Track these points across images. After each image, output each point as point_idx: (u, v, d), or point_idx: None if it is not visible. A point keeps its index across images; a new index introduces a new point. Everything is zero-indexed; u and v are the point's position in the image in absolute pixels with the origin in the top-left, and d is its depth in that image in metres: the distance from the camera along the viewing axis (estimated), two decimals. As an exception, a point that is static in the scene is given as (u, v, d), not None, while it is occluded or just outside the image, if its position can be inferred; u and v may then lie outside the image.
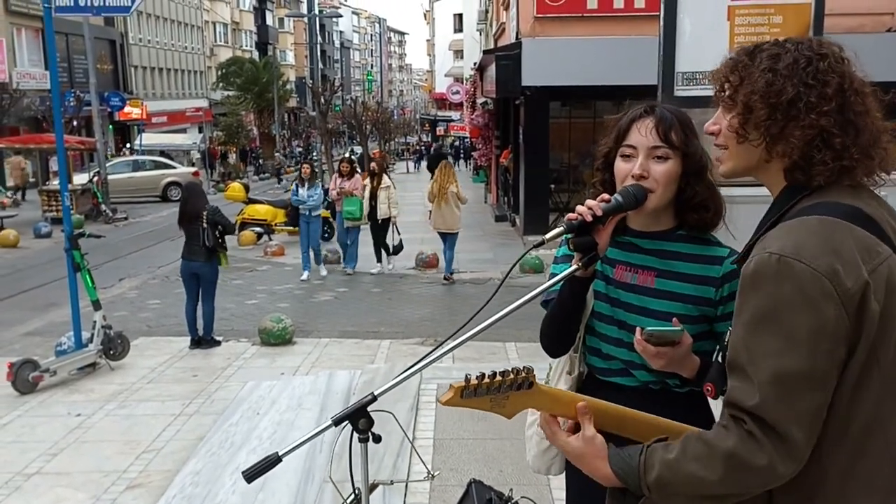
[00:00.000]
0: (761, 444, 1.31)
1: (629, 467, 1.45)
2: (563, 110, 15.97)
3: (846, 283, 1.30)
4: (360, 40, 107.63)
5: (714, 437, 1.37)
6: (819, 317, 1.29)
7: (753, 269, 1.36)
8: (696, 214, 1.90)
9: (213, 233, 7.66)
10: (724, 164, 1.55)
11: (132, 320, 9.27)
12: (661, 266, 1.91)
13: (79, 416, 5.82)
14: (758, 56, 1.46)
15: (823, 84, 1.40)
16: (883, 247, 1.36)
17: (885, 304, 1.32)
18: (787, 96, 1.40)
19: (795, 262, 1.31)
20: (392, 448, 4.62)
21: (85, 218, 18.93)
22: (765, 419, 1.31)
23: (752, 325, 1.35)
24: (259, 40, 61.30)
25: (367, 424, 1.66)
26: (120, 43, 39.70)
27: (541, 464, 2.19)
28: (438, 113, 66.75)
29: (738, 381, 1.36)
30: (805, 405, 1.31)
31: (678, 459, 1.39)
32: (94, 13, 6.88)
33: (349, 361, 7.25)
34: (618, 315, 1.95)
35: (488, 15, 28.55)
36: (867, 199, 1.44)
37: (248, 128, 45.73)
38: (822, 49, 1.44)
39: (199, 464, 4.82)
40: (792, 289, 1.30)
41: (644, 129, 1.86)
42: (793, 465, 1.33)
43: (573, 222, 1.75)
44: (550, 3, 14.22)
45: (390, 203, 11.94)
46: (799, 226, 1.38)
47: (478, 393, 1.44)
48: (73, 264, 6.76)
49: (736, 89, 1.47)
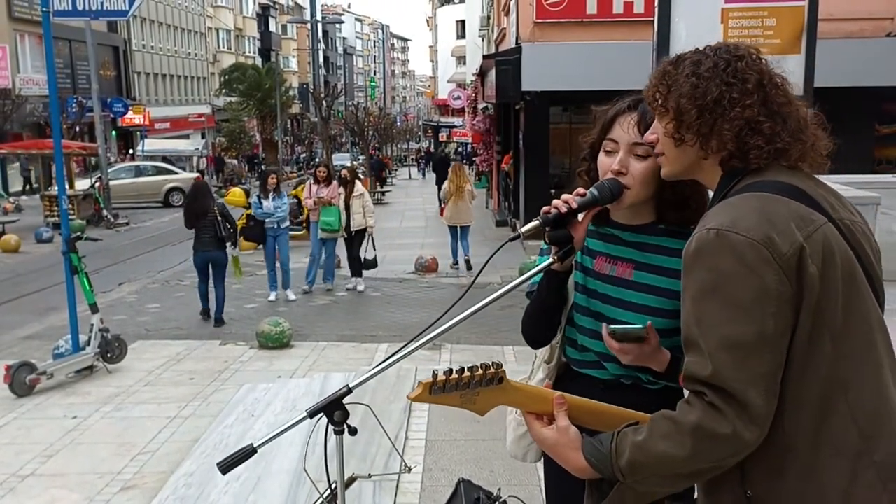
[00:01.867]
0: (724, 412, 1.34)
1: (601, 454, 1.47)
2: (563, 115, 15.99)
3: (782, 248, 1.36)
4: (363, 46, 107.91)
5: (679, 414, 1.40)
6: (760, 282, 1.35)
7: (695, 246, 1.42)
8: (675, 212, 1.89)
9: (226, 224, 9.06)
10: (665, 168, 1.64)
11: (131, 324, 9.28)
12: (640, 259, 1.92)
13: (75, 418, 5.83)
14: (681, 64, 1.56)
15: (743, 81, 1.50)
16: (817, 215, 1.42)
17: (823, 267, 1.37)
18: (712, 96, 1.49)
19: (732, 234, 1.37)
20: (385, 447, 4.62)
21: (87, 223, 18.98)
22: (723, 388, 1.35)
23: (699, 299, 1.40)
24: (262, 46, 61.55)
25: (342, 417, 1.67)
26: (123, 49, 39.87)
27: (517, 450, 2.20)
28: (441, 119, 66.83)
29: (692, 356, 1.41)
30: (758, 369, 1.35)
31: (647, 440, 1.42)
32: (92, 17, 6.91)
33: (346, 365, 7.26)
34: (594, 306, 1.95)
35: (490, 21, 28.59)
36: (803, 178, 1.51)
37: (250, 134, 45.87)
38: (739, 51, 1.54)
39: (192, 465, 4.82)
40: (731, 259, 1.37)
41: (626, 124, 1.85)
42: (757, 430, 1.36)
43: (548, 215, 1.76)
44: (550, 9, 14.26)
45: (366, 212, 11.03)
46: (735, 202, 1.45)
47: (446, 389, 1.45)
48: (71, 267, 6.77)
49: (666, 97, 1.55)
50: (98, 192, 21.22)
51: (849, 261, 1.41)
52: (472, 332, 8.00)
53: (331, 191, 10.94)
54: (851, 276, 1.41)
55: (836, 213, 1.47)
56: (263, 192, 10.51)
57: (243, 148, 44.05)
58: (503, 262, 13.17)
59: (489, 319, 8.15)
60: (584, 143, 1.99)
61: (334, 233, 10.95)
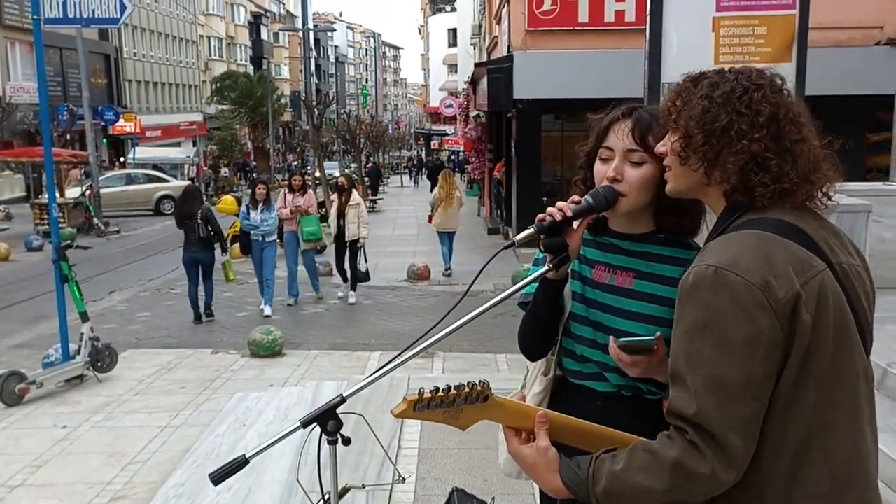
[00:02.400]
0: (703, 452, 1.35)
1: (578, 479, 1.47)
2: (555, 123, 16.04)
3: (778, 293, 1.35)
4: (355, 55, 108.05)
5: (659, 448, 1.40)
6: (753, 326, 1.34)
7: (692, 280, 1.41)
8: (672, 219, 1.87)
9: (206, 227, 9.57)
10: (670, 184, 1.63)
11: (121, 332, 9.23)
12: (640, 268, 1.90)
13: (65, 427, 5.78)
14: (700, 83, 1.53)
15: (756, 113, 1.46)
16: (817, 261, 1.41)
17: (817, 315, 1.36)
18: (721, 123, 1.46)
19: (731, 274, 1.36)
20: (378, 457, 4.60)
21: (77, 231, 18.90)
22: (705, 428, 1.35)
23: (690, 335, 1.39)
24: (254, 54, 61.52)
25: (335, 427, 1.65)
26: (114, 57, 39.79)
27: (511, 468, 2.13)
28: (433, 127, 66.93)
29: (677, 391, 1.41)
30: (741, 413, 1.35)
31: (625, 470, 1.42)
32: (83, 24, 6.90)
33: (338, 373, 7.22)
34: (593, 316, 1.92)
35: (482, 29, 28.67)
36: (807, 219, 1.49)
37: (242, 142, 45.80)
38: (760, 80, 1.50)
39: (183, 475, 4.78)
40: (727, 299, 1.36)
41: (621, 131, 1.84)
42: (734, 472, 1.37)
43: (543, 223, 1.74)
44: (542, 17, 14.30)
45: (360, 222, 10.65)
46: (736, 239, 1.44)
47: (431, 406, 1.46)
48: (61, 276, 6.73)
49: (679, 114, 1.53)
50: (89, 200, 21.13)
51: (842, 309, 1.41)
52: (464, 340, 7.98)
53: (306, 199, 10.75)
54: (842, 325, 1.40)
55: (835, 258, 1.46)
56: (252, 203, 10.24)
57: (235, 156, 43.95)
58: (496, 270, 13.17)
59: (482, 327, 8.13)
60: (580, 152, 1.98)
61: (318, 241, 10.75)
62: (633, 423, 1.63)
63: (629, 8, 13.90)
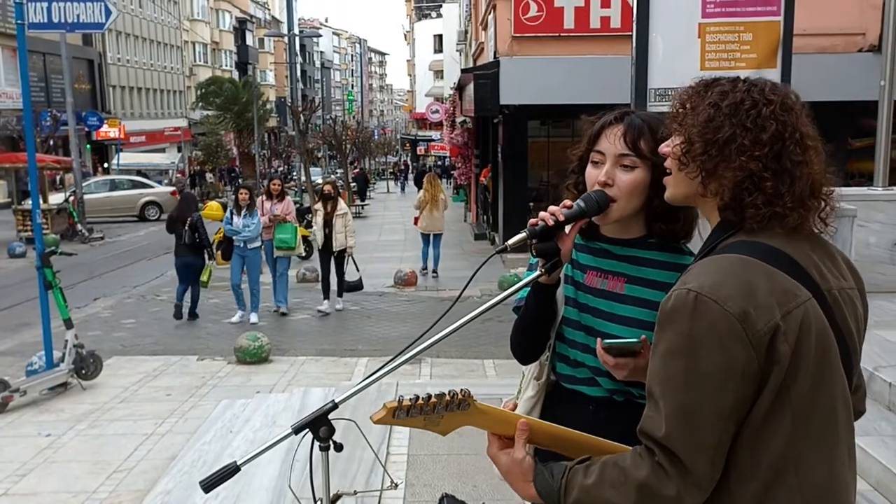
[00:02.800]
0: (669, 475, 1.37)
1: (550, 489, 1.49)
2: (541, 129, 16.09)
3: (757, 325, 1.34)
4: (341, 60, 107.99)
5: (629, 466, 1.42)
6: (727, 356, 1.34)
7: (672, 304, 1.40)
8: (663, 224, 1.87)
9: (191, 234, 10.00)
10: (668, 190, 1.60)
11: (106, 340, 9.15)
12: (632, 272, 1.90)
13: (49, 436, 5.72)
14: (711, 89, 1.49)
15: (760, 129, 1.42)
16: (802, 290, 1.39)
17: (797, 346, 1.35)
18: (724, 135, 1.43)
19: (710, 302, 1.35)
20: (366, 463, 4.58)
21: (61, 238, 18.74)
22: (672, 451, 1.36)
23: (666, 358, 1.39)
24: (239, 60, 61.37)
25: (327, 433, 1.64)
26: (98, 62, 39.56)
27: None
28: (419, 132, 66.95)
29: (650, 411, 1.42)
30: (709, 440, 1.36)
31: (595, 485, 1.44)
32: (67, 29, 6.85)
33: (326, 379, 7.20)
34: (585, 320, 1.93)
35: (468, 35, 28.74)
36: (799, 243, 1.46)
37: (227, 147, 45.64)
38: (772, 95, 1.46)
39: (170, 483, 4.74)
40: (704, 327, 1.35)
41: (613, 136, 1.84)
42: (699, 495, 1.39)
43: (535, 228, 1.75)
44: (528, 23, 14.34)
45: (347, 232, 10.47)
46: (721, 263, 1.42)
47: (410, 413, 1.46)
48: (45, 282, 6.67)
49: (685, 117, 1.50)
50: (72, 206, 20.97)
51: (824, 339, 1.39)
52: (452, 346, 7.97)
53: (284, 206, 10.57)
54: (824, 356, 1.39)
55: (825, 284, 1.44)
56: (235, 209, 10.07)
57: (220, 162, 43.79)
58: (483, 275, 13.09)
59: (469, 333, 8.13)
60: (572, 156, 1.97)
61: (290, 251, 10.49)
62: (625, 428, 1.63)
63: (615, 14, 13.97)
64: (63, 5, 6.65)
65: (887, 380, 4.43)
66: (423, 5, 65.75)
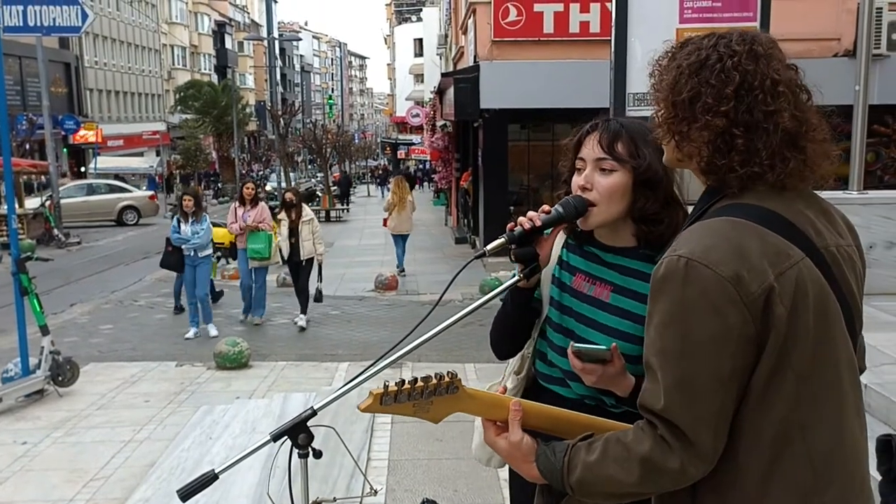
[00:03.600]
0: (672, 447, 1.34)
1: (554, 468, 1.47)
2: (521, 133, 16.13)
3: (750, 287, 1.30)
4: (321, 64, 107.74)
5: (632, 441, 1.40)
6: (722, 322, 1.31)
7: (663, 272, 1.37)
8: (646, 227, 1.86)
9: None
10: (664, 155, 1.55)
11: (83, 346, 9.05)
12: (618, 282, 1.90)
13: (24, 444, 5.64)
14: (680, 51, 1.45)
15: (723, 83, 1.37)
16: (794, 250, 1.35)
17: (793, 307, 1.32)
18: (686, 95, 1.39)
19: (701, 267, 1.31)
20: (347, 469, 4.56)
21: (37, 242, 18.53)
22: (674, 423, 1.34)
23: (660, 328, 1.36)
24: (218, 64, 61.04)
25: (306, 440, 1.63)
26: (75, 66, 39.17)
27: (482, 454, 2.22)
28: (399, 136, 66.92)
29: (649, 383, 1.39)
30: (709, 409, 1.33)
31: (599, 462, 1.42)
32: (43, 33, 6.79)
33: (306, 384, 7.15)
34: (566, 323, 1.94)
35: (448, 39, 28.79)
36: (791, 201, 1.42)
37: (206, 151, 45.37)
38: (737, 45, 1.39)
39: (148, 491, 4.70)
40: (696, 293, 1.31)
41: (591, 141, 1.86)
42: (703, 466, 1.36)
43: (513, 233, 1.75)
44: (507, 28, 14.40)
45: (315, 239, 9.82)
46: (710, 227, 1.38)
47: (398, 399, 1.44)
48: (21, 288, 6.59)
49: (659, 83, 1.47)
50: (49, 210, 20.75)
51: (823, 298, 1.36)
52: (433, 350, 7.96)
53: (257, 213, 9.93)
54: (823, 315, 1.35)
55: (820, 241, 1.40)
56: (182, 216, 9.41)
57: (199, 166, 43.52)
58: (464, 279, 13.12)
59: (451, 337, 8.13)
60: (562, 169, 1.97)
61: (264, 261, 9.96)
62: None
63: (594, 19, 14.05)
64: (39, 9, 6.60)
65: (863, 381, 4.47)
66: (404, 9, 65.80)
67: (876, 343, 5.01)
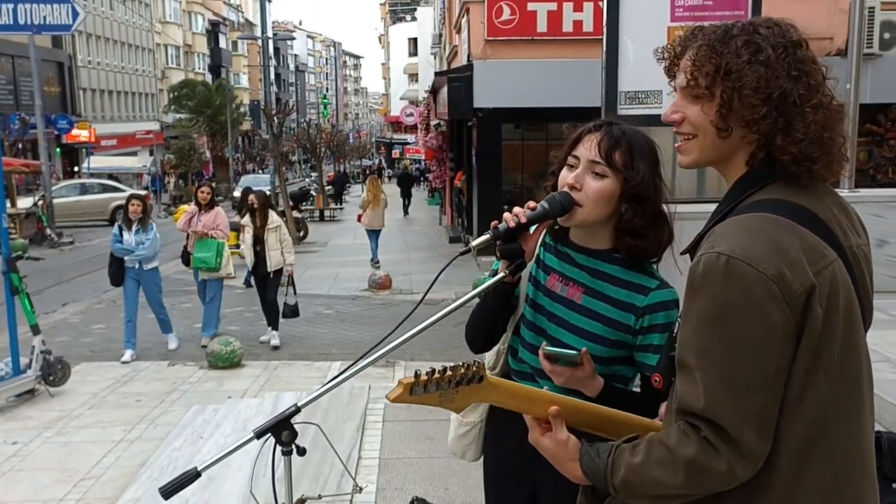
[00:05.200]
0: (719, 450, 1.32)
1: (598, 468, 1.45)
2: (515, 132, 16.14)
3: (792, 285, 1.29)
4: (315, 64, 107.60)
5: (676, 444, 1.36)
6: (765, 320, 1.29)
7: (702, 270, 1.33)
8: (630, 240, 1.86)
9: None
10: (689, 156, 1.49)
11: (75, 345, 9.03)
12: (590, 284, 1.91)
13: (15, 443, 5.62)
14: (732, 44, 1.40)
15: (807, 74, 1.39)
16: (829, 250, 1.35)
17: (827, 307, 1.31)
18: (779, 90, 1.37)
19: (743, 265, 1.29)
20: (337, 467, 4.55)
21: (30, 242, 18.47)
22: (719, 424, 1.31)
23: (700, 327, 1.33)
24: (212, 63, 60.87)
25: (290, 437, 1.62)
26: (68, 65, 39.02)
27: (457, 447, 2.27)
28: (394, 136, 66.89)
29: (686, 384, 1.36)
30: (754, 408, 1.31)
31: (643, 464, 1.39)
32: (34, 31, 6.77)
33: (299, 383, 7.15)
34: (538, 321, 1.95)
35: (442, 38, 28.79)
36: (820, 198, 1.42)
37: (200, 151, 45.26)
38: (793, 35, 1.42)
39: (138, 491, 4.68)
40: (739, 292, 1.29)
41: (590, 142, 1.86)
42: (750, 467, 1.33)
43: (498, 229, 1.75)
44: (501, 27, 14.39)
45: (283, 248, 8.81)
46: (748, 223, 1.35)
47: (427, 389, 1.42)
48: (11, 287, 6.57)
49: (714, 79, 1.40)
50: (41, 210, 20.68)
51: (850, 298, 1.36)
52: (426, 349, 7.96)
53: (210, 219, 8.72)
54: (850, 315, 1.35)
55: (845, 241, 1.40)
56: (125, 222, 8.33)
57: (193, 165, 43.41)
58: (457, 278, 13.16)
59: (443, 336, 8.12)
60: (554, 158, 1.97)
61: (212, 272, 8.67)
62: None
63: (587, 18, 14.04)
64: (29, 7, 6.58)
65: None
66: (398, 9, 65.74)
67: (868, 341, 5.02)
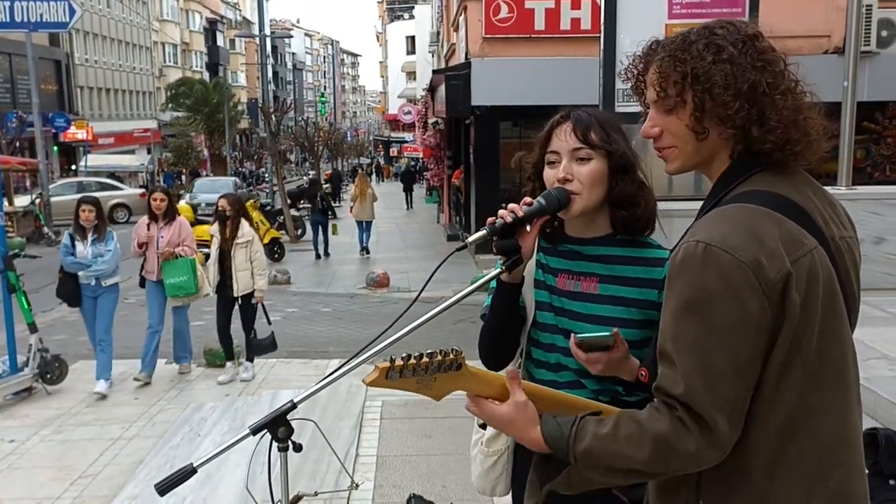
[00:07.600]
0: (691, 431, 1.33)
1: (560, 434, 1.45)
2: (513, 130, 16.13)
3: (769, 273, 1.30)
4: (313, 62, 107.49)
5: (646, 420, 1.38)
6: (742, 307, 1.30)
7: (681, 257, 1.36)
8: (624, 211, 1.87)
9: (321, 202, 16.19)
10: (673, 163, 1.51)
11: (72, 344, 9.01)
12: (603, 271, 1.90)
13: (12, 441, 5.62)
14: (693, 49, 1.43)
15: (770, 63, 1.42)
16: (809, 238, 1.36)
17: (805, 295, 1.33)
18: (747, 83, 1.39)
19: (720, 252, 1.31)
20: (335, 464, 4.55)
21: (27, 240, 18.44)
22: (693, 408, 1.32)
23: (678, 314, 1.35)
24: (210, 61, 60.84)
25: (286, 433, 1.62)
26: (65, 63, 38.98)
27: (485, 484, 2.13)
28: (392, 134, 66.88)
29: (666, 369, 1.37)
30: (728, 395, 1.32)
31: (609, 435, 1.40)
32: (31, 29, 6.75)
33: (297, 381, 7.14)
34: (563, 324, 1.92)
35: (439, 36, 28.77)
36: (801, 188, 1.44)
37: (198, 149, 45.24)
38: (748, 29, 1.45)
39: (136, 488, 4.68)
40: (716, 278, 1.31)
41: (563, 133, 1.87)
42: (717, 454, 1.35)
43: (494, 226, 1.75)
44: (499, 24, 14.39)
45: (255, 269, 7.09)
46: (728, 213, 1.38)
47: (403, 374, 1.42)
48: (8, 286, 6.57)
49: (683, 86, 1.43)
50: (38, 208, 20.65)
51: (831, 286, 1.37)
52: (424, 347, 7.92)
53: (174, 234, 7.10)
54: (831, 303, 1.37)
55: (828, 231, 1.42)
56: (78, 232, 6.84)
57: (190, 164, 43.38)
58: (455, 276, 13.16)
59: (441, 334, 8.12)
60: (526, 165, 1.98)
61: (190, 297, 7.23)
62: None
63: (585, 16, 14.05)
64: (26, 4, 6.57)
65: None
66: (396, 7, 65.63)
67: (863, 337, 5.03)
